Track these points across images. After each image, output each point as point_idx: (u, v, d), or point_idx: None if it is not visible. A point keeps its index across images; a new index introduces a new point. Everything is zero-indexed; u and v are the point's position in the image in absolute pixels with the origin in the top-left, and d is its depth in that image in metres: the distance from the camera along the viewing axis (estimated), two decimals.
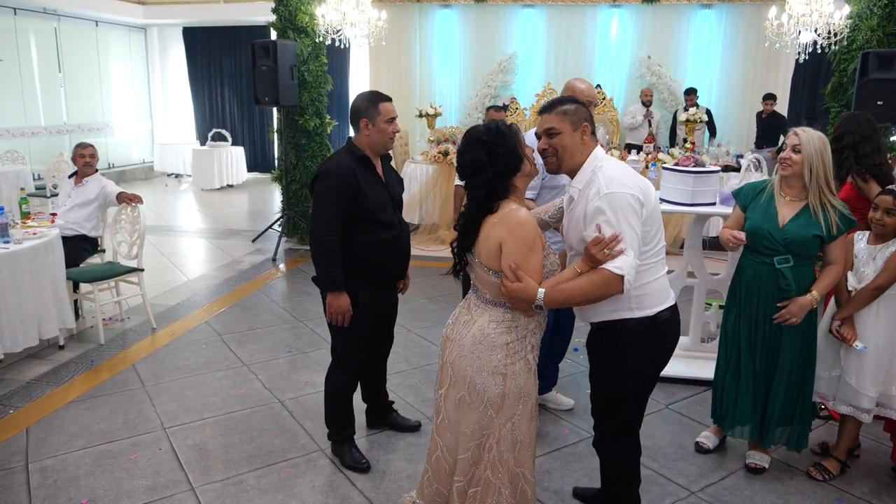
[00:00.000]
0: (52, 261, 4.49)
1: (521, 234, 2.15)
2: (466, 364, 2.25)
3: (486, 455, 2.29)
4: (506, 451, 2.27)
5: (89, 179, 5.22)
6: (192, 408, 3.78)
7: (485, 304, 2.29)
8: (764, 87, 9.76)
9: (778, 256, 2.96)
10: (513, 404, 2.26)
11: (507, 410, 2.26)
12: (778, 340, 3.03)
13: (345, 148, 3.05)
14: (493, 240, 2.17)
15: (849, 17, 6.74)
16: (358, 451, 3.25)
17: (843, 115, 3.61)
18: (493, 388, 2.23)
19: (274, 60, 7.08)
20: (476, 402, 2.26)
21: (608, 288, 2.15)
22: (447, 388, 2.34)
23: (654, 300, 2.34)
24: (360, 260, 2.95)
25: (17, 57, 10.48)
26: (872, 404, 3.01)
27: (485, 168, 2.20)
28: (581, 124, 2.31)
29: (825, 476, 3.13)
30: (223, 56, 13.58)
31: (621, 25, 10.32)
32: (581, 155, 2.32)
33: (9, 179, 8.46)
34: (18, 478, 3.08)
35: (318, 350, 4.62)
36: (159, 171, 13.84)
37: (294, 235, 7.93)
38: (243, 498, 2.95)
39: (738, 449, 3.39)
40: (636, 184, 2.24)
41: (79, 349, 4.61)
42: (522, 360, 2.27)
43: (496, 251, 2.17)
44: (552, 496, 3.00)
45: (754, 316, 3.06)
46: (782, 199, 2.98)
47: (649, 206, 2.26)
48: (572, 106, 2.33)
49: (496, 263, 2.19)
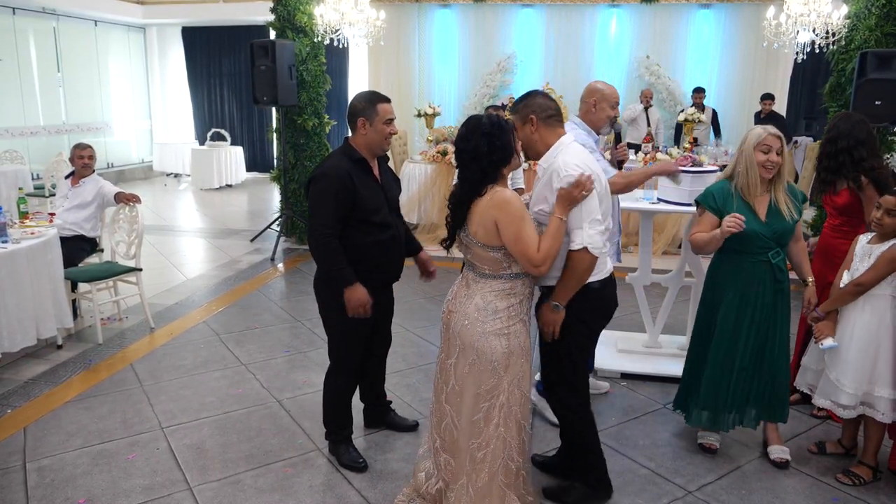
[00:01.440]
0: (51, 260, 4.50)
1: (510, 210, 2.41)
2: (472, 331, 2.49)
3: (498, 413, 2.51)
4: (514, 405, 2.52)
5: (86, 180, 5.22)
6: (189, 407, 3.78)
7: (483, 278, 2.53)
8: (762, 86, 9.77)
9: (771, 252, 3.05)
10: (517, 361, 2.52)
11: (513, 368, 2.51)
12: (770, 334, 3.13)
13: (341, 149, 3.04)
14: (489, 220, 2.42)
15: (847, 16, 6.74)
16: (355, 450, 3.25)
17: (837, 116, 3.57)
18: (498, 349, 2.48)
19: (272, 60, 7.08)
20: (486, 365, 2.49)
21: (584, 265, 2.51)
22: (456, 357, 2.56)
23: (597, 271, 2.62)
24: (357, 261, 2.94)
25: (16, 56, 10.48)
26: (852, 401, 3.01)
27: (482, 157, 2.45)
28: (527, 118, 2.65)
29: (856, 481, 3.09)
30: (222, 56, 13.58)
31: (620, 25, 10.33)
32: (541, 143, 2.67)
33: (8, 179, 8.46)
34: (16, 477, 3.09)
35: (317, 350, 4.63)
36: (158, 171, 13.84)
37: (293, 235, 7.93)
38: (240, 497, 2.96)
39: (734, 448, 3.39)
40: (588, 167, 2.53)
41: (77, 349, 4.61)
42: (520, 322, 2.54)
43: (493, 230, 2.43)
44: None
45: (756, 313, 3.10)
46: (756, 198, 3.06)
47: (600, 189, 2.57)
48: (521, 103, 2.70)
49: (495, 240, 2.44)
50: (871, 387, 2.98)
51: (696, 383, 3.27)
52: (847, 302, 3.05)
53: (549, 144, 2.66)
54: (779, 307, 3.13)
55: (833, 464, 3.26)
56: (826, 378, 3.11)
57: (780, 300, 3.12)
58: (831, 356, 3.09)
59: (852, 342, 3.01)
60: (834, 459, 3.30)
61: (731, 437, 3.46)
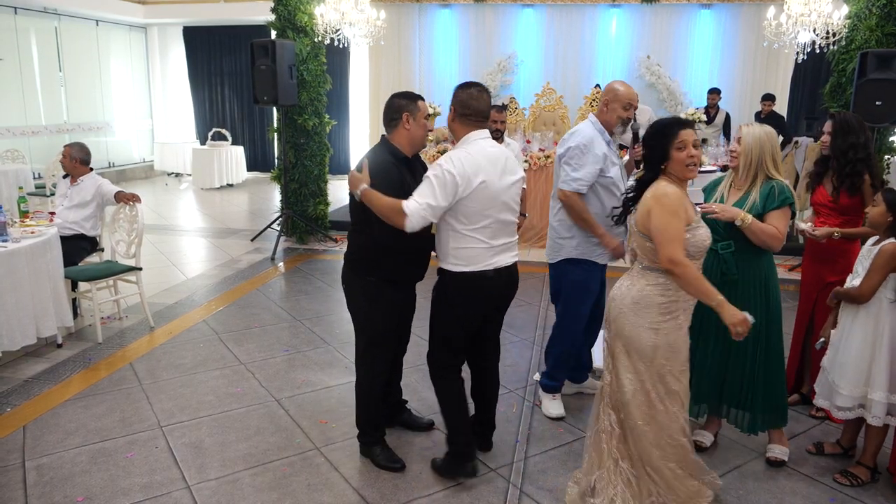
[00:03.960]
0: (51, 259, 4.51)
1: (665, 203, 2.54)
2: (624, 320, 2.64)
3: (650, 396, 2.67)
4: (656, 401, 2.64)
5: (84, 179, 5.23)
6: (188, 406, 3.79)
7: (643, 270, 2.66)
8: (763, 86, 9.77)
9: (721, 242, 3.02)
10: (664, 356, 2.61)
11: (657, 362, 2.61)
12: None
13: (383, 148, 3.03)
14: (645, 207, 2.60)
15: (847, 17, 6.74)
16: (390, 450, 3.23)
17: (835, 117, 3.51)
18: (646, 342, 2.60)
19: (273, 60, 7.09)
20: (632, 354, 2.64)
21: (395, 215, 2.75)
22: (612, 338, 2.74)
23: (466, 262, 2.88)
24: (390, 255, 2.95)
25: (18, 56, 10.49)
26: (847, 403, 3.01)
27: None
28: (451, 107, 3.00)
29: (853, 482, 3.09)
30: (223, 55, 13.59)
31: (620, 25, 10.34)
32: (456, 134, 3.00)
33: (8, 178, 8.49)
34: (15, 475, 3.09)
35: (316, 349, 4.63)
36: (159, 171, 13.85)
37: (293, 235, 7.94)
38: (238, 496, 2.96)
39: (732, 448, 3.40)
40: (464, 168, 2.78)
41: (77, 347, 4.62)
42: (674, 321, 2.62)
43: (646, 217, 2.58)
44: (546, 495, 3.00)
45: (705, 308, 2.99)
46: (732, 189, 3.14)
47: (470, 187, 2.78)
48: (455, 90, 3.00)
49: (646, 228, 2.60)
50: (867, 389, 2.99)
51: None
52: (841, 305, 3.06)
53: (459, 138, 2.96)
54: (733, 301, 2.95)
55: (831, 464, 3.26)
56: (825, 379, 3.13)
57: (729, 294, 2.79)
58: (830, 358, 3.10)
59: (850, 344, 3.01)
60: (832, 460, 3.29)
61: (729, 437, 3.46)
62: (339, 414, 3.69)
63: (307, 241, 7.93)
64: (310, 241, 7.92)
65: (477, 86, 2.99)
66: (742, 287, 3.05)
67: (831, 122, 3.52)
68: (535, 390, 4.00)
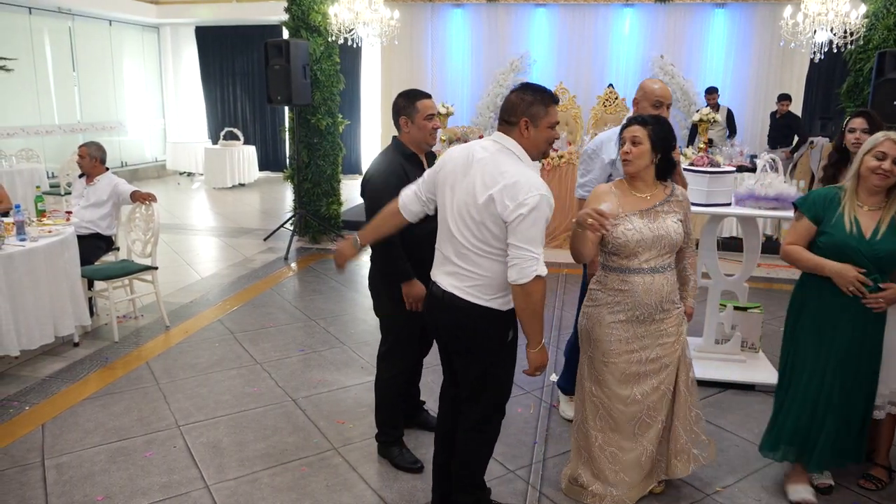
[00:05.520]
0: (68, 258, 4.52)
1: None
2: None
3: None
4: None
5: (100, 178, 5.25)
6: (205, 405, 3.80)
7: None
8: (778, 86, 9.71)
9: (868, 277, 2.66)
10: (586, 341, 2.87)
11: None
12: (866, 365, 2.81)
13: (392, 146, 3.06)
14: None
15: (865, 16, 6.69)
16: (409, 451, 3.23)
17: (870, 113, 3.39)
18: (581, 324, 2.90)
19: (287, 60, 7.10)
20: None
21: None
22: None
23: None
24: (418, 246, 2.91)
25: (32, 56, 10.56)
26: (883, 401, 2.95)
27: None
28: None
29: (877, 485, 3.04)
30: (235, 55, 13.62)
31: (634, 25, 10.29)
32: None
33: (24, 178, 8.54)
34: (35, 474, 3.11)
35: (331, 349, 4.63)
36: (172, 170, 13.91)
37: (306, 234, 7.95)
38: (257, 496, 2.96)
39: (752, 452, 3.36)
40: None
41: (93, 346, 4.64)
42: (595, 309, 2.84)
43: None
44: (565, 496, 2.99)
45: (846, 342, 2.76)
46: (860, 210, 2.71)
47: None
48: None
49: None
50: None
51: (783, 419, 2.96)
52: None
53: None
54: (867, 340, 2.76)
55: (852, 468, 3.22)
56: None
57: (870, 332, 2.75)
58: None
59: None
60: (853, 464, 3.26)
61: (747, 440, 3.43)
62: (357, 414, 3.69)
63: (320, 240, 7.93)
64: (323, 241, 7.92)
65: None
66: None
67: (865, 118, 3.37)
68: (552, 391, 3.98)
